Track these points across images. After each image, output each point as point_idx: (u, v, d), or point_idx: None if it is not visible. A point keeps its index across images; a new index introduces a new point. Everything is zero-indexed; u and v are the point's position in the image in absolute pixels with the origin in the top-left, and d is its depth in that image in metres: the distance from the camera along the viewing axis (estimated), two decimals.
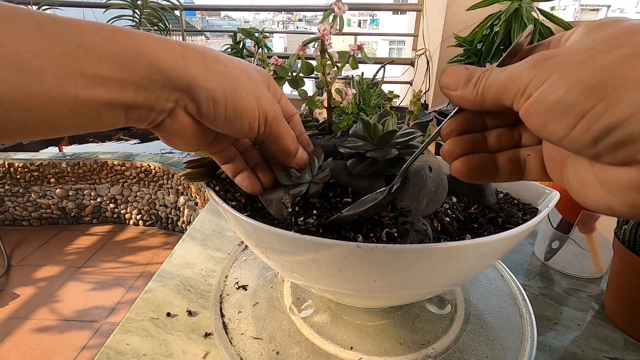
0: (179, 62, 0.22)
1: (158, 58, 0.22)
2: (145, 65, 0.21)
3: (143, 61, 0.21)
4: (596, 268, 0.52)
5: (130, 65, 0.21)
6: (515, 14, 1.34)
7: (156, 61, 0.21)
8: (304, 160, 0.30)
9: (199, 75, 0.23)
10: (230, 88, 0.24)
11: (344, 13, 0.34)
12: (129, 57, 0.21)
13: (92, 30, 0.20)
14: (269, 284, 0.45)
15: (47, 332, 1.45)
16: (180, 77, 0.22)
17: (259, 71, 0.28)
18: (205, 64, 0.24)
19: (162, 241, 2.09)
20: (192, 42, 0.25)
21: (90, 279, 1.76)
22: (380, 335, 0.38)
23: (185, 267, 0.51)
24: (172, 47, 0.22)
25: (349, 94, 0.40)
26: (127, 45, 0.21)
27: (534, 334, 0.38)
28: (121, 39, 0.21)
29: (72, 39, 0.19)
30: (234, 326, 0.39)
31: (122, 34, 0.21)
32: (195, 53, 0.23)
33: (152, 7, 2.27)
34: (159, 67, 0.22)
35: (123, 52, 0.20)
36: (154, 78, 0.22)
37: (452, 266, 0.28)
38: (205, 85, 0.23)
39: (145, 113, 0.23)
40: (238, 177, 0.31)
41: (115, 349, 0.38)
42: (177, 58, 0.22)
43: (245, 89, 0.25)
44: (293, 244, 0.26)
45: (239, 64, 0.26)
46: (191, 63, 0.23)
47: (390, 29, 16.05)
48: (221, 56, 0.25)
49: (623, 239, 0.42)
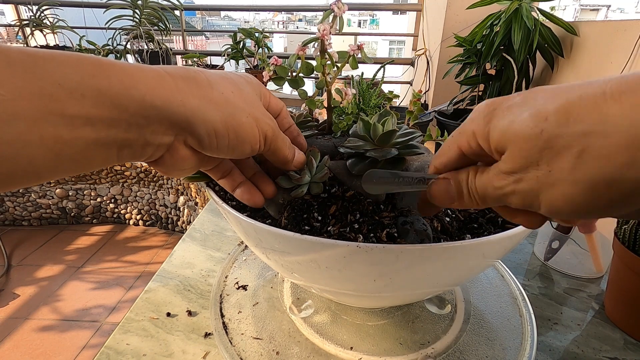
0: (175, 96, 0.21)
1: (151, 92, 0.20)
2: (137, 100, 0.19)
3: (134, 96, 0.19)
4: (596, 268, 0.52)
5: (119, 102, 0.19)
6: (515, 14, 1.34)
7: (149, 96, 0.19)
8: (301, 161, 0.30)
9: (198, 109, 0.21)
10: (230, 116, 0.23)
11: (344, 13, 0.34)
12: (116, 92, 0.18)
13: (74, 65, 0.18)
14: (269, 284, 0.45)
15: (47, 332, 1.45)
16: (178, 112, 0.21)
17: (250, 83, 0.26)
18: (201, 94, 0.22)
19: (162, 241, 2.09)
20: (179, 66, 0.22)
21: (90, 279, 1.76)
22: (380, 335, 0.38)
23: (185, 267, 0.51)
24: (164, 79, 0.21)
25: (349, 94, 0.40)
26: (114, 79, 0.19)
27: (534, 334, 0.38)
28: (107, 72, 0.18)
29: (51, 76, 0.17)
30: (234, 326, 0.39)
31: (108, 66, 0.19)
32: (189, 82, 0.22)
33: (152, 7, 2.27)
34: (152, 103, 0.20)
35: (109, 86, 0.18)
36: (147, 114, 0.20)
37: (452, 266, 0.28)
38: (206, 118, 0.22)
39: (140, 150, 0.21)
40: (237, 191, 0.30)
41: (115, 349, 0.38)
42: (172, 91, 0.21)
43: (244, 113, 0.24)
44: (293, 244, 0.26)
45: (232, 84, 0.24)
46: (187, 96, 0.21)
47: (390, 29, 16.04)
48: (214, 80, 0.23)
49: (623, 239, 0.42)
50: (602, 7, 22.53)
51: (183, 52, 2.53)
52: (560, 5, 16.39)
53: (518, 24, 1.34)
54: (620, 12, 26.72)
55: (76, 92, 0.17)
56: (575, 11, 20.54)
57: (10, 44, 1.17)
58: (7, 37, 3.09)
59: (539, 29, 1.34)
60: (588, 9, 22.53)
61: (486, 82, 1.57)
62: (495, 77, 1.54)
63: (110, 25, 2.36)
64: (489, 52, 1.43)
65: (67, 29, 2.40)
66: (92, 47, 2.39)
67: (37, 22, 2.31)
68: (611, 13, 23.41)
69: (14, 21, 2.44)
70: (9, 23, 2.65)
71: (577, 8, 21.30)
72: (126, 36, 2.35)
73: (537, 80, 1.61)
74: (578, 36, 1.34)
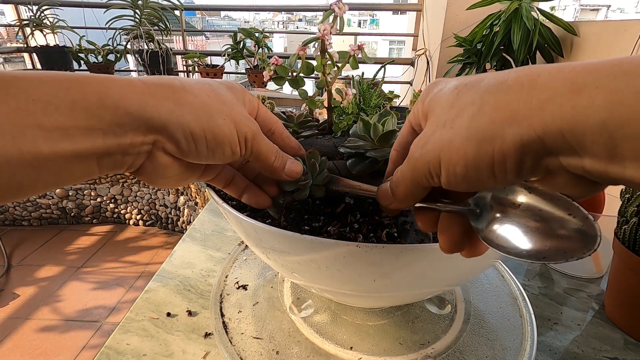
0: (149, 101, 0.21)
1: (124, 99, 0.20)
2: (111, 108, 0.19)
3: (107, 104, 0.19)
4: (596, 268, 0.52)
5: (93, 111, 0.19)
6: (515, 13, 1.34)
7: (122, 102, 0.20)
8: (296, 170, 0.28)
9: (172, 112, 0.21)
10: (207, 118, 0.23)
11: (344, 13, 0.34)
12: (90, 102, 0.19)
13: (48, 81, 0.18)
14: (269, 283, 0.45)
15: (47, 332, 1.45)
16: (152, 117, 0.21)
17: (231, 88, 0.26)
18: (176, 98, 0.22)
19: (162, 241, 2.09)
20: (155, 76, 0.22)
21: (90, 279, 1.76)
22: (380, 335, 0.38)
23: (185, 267, 0.51)
24: (136, 85, 0.21)
25: (349, 94, 0.40)
26: (87, 90, 0.19)
27: (534, 334, 0.38)
28: (80, 84, 0.19)
29: (26, 92, 0.17)
30: (234, 326, 0.39)
31: (82, 79, 0.19)
32: (162, 87, 0.22)
33: (152, 7, 2.27)
34: (126, 109, 0.20)
35: (82, 97, 0.19)
36: (122, 122, 0.20)
37: (452, 266, 0.28)
38: (181, 121, 0.22)
39: (121, 158, 0.21)
40: (244, 198, 0.30)
41: (115, 349, 0.38)
42: (145, 96, 0.21)
43: (221, 114, 0.23)
44: (293, 243, 0.26)
45: (209, 88, 0.24)
46: (161, 100, 0.21)
47: (390, 29, 16.05)
48: (189, 84, 0.23)
49: (623, 239, 0.42)
50: (602, 7, 22.52)
51: (183, 52, 2.53)
52: (560, 5, 16.38)
53: (518, 24, 1.34)
54: (620, 12, 26.72)
55: (51, 105, 0.18)
56: (575, 11, 20.54)
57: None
58: (7, 37, 3.09)
59: (539, 29, 1.34)
60: (588, 9, 22.53)
61: None
62: None
63: (111, 25, 2.36)
64: (489, 52, 1.43)
65: (67, 29, 2.40)
66: (92, 47, 2.39)
67: (37, 22, 2.31)
68: (611, 13, 23.41)
69: (14, 21, 2.44)
70: (9, 23, 2.65)
71: (577, 8, 21.30)
72: (126, 36, 2.35)
73: None
74: (578, 36, 1.34)
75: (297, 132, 0.37)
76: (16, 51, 2.90)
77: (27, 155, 0.17)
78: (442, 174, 0.18)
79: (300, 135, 0.37)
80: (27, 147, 0.17)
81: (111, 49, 2.39)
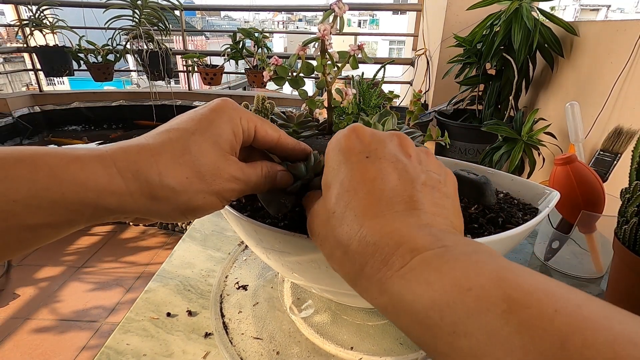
0: (127, 201, 0.21)
1: (102, 199, 0.20)
2: (91, 206, 0.20)
3: (87, 202, 0.20)
4: (596, 268, 0.52)
5: (75, 209, 0.19)
6: (515, 14, 1.34)
7: (101, 202, 0.20)
8: (286, 183, 0.28)
9: (150, 207, 0.22)
10: (185, 205, 0.22)
11: (344, 13, 0.34)
12: (70, 201, 0.19)
13: (27, 180, 0.18)
14: (269, 284, 0.45)
15: (47, 332, 1.45)
16: (132, 211, 0.21)
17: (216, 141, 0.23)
18: (153, 194, 0.21)
19: (162, 241, 2.09)
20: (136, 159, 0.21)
21: (90, 279, 1.76)
22: (380, 335, 0.38)
23: (185, 267, 0.51)
24: (115, 180, 0.20)
25: (349, 94, 0.40)
26: (65, 189, 0.19)
27: None
28: (59, 182, 0.19)
29: (5, 195, 0.18)
30: (234, 326, 0.39)
31: (62, 174, 0.19)
32: (139, 181, 0.21)
33: (152, 7, 2.27)
34: (106, 207, 0.20)
35: (62, 197, 0.19)
36: (101, 215, 0.21)
37: None
38: (160, 213, 0.22)
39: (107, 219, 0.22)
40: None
41: (115, 349, 0.38)
42: (123, 197, 0.21)
43: (200, 195, 0.23)
44: (293, 244, 0.26)
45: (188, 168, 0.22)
46: (140, 197, 0.21)
47: (390, 29, 16.05)
48: (167, 171, 0.21)
49: (623, 239, 0.42)
50: (602, 7, 22.52)
51: (183, 52, 2.53)
52: (560, 5, 16.37)
53: (518, 24, 1.34)
54: (620, 12, 26.71)
55: (31, 206, 0.18)
56: (575, 11, 20.54)
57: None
58: (7, 37, 3.08)
59: (539, 29, 1.34)
60: (588, 9, 22.52)
61: (486, 82, 1.57)
62: (495, 77, 1.54)
63: (110, 25, 2.36)
64: (489, 52, 1.43)
65: (66, 28, 2.40)
66: (91, 47, 2.39)
67: (36, 22, 2.31)
68: (611, 13, 23.40)
69: (14, 21, 2.43)
70: (8, 23, 2.64)
71: (577, 8, 21.29)
72: (126, 36, 2.35)
73: (537, 80, 1.61)
74: (578, 36, 1.34)
75: (297, 132, 0.37)
76: (16, 51, 2.90)
77: (13, 242, 0.19)
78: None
79: (300, 136, 0.37)
80: (12, 238, 0.19)
81: (111, 49, 2.39)
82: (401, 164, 0.21)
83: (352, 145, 0.22)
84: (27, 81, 8.99)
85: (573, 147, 0.68)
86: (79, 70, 2.55)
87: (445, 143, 0.41)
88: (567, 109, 0.68)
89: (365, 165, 0.21)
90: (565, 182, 0.49)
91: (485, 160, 1.38)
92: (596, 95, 1.20)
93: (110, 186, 0.20)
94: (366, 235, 0.19)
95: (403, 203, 0.19)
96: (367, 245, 0.18)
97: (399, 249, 0.17)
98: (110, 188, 0.20)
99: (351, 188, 0.20)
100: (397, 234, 0.18)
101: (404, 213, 0.19)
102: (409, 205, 0.19)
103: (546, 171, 1.40)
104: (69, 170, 0.19)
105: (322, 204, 0.22)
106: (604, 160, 0.58)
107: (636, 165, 0.42)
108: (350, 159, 0.22)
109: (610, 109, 1.13)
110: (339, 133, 0.23)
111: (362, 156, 0.21)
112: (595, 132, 1.18)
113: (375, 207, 0.19)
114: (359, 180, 0.21)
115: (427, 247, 0.17)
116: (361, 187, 0.20)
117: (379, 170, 0.21)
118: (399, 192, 0.20)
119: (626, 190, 0.42)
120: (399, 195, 0.20)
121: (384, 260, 0.18)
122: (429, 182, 0.21)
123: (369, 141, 0.22)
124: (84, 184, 0.19)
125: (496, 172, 0.41)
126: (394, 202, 0.19)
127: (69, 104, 2.77)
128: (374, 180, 0.20)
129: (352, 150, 0.22)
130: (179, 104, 2.76)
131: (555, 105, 1.49)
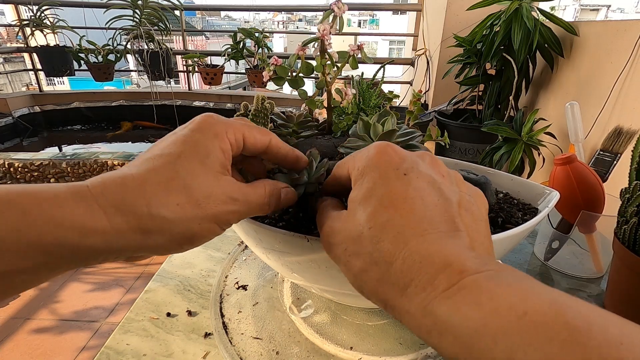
0: (112, 238, 0.19)
1: (85, 240, 0.19)
2: (70, 248, 0.18)
3: (67, 245, 0.18)
4: (596, 268, 0.52)
5: (51, 251, 0.18)
6: (515, 14, 1.34)
7: (84, 242, 0.19)
8: (291, 200, 0.27)
9: (141, 243, 0.20)
10: (180, 234, 0.21)
11: (344, 13, 0.34)
12: (45, 242, 0.18)
13: (13, 230, 0.17)
14: (269, 284, 0.45)
15: (47, 333, 1.45)
16: (122, 249, 0.20)
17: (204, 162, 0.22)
18: (142, 227, 0.20)
19: None
20: (122, 191, 0.20)
21: (90, 280, 1.76)
22: (380, 335, 0.38)
23: (185, 267, 0.51)
24: (97, 216, 0.19)
25: (349, 94, 0.40)
26: (41, 228, 0.18)
27: None
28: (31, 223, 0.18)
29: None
30: (234, 326, 0.39)
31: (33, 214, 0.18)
32: (125, 215, 0.20)
33: (152, 7, 2.27)
34: (89, 247, 0.19)
35: (37, 239, 0.18)
36: (88, 257, 0.19)
37: None
38: (152, 246, 0.21)
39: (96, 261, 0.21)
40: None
41: (115, 349, 0.38)
42: (108, 235, 0.19)
43: (195, 221, 0.21)
44: (293, 244, 0.26)
45: (179, 193, 0.21)
46: (128, 233, 0.20)
47: (390, 29, 16.06)
48: (156, 199, 0.20)
49: (623, 239, 0.42)
50: (602, 7, 22.52)
51: (183, 52, 2.54)
52: (560, 5, 16.36)
53: (518, 24, 1.34)
54: (620, 12, 26.70)
55: (21, 251, 0.17)
56: (575, 11, 20.55)
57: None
58: (7, 37, 3.09)
59: (539, 29, 1.35)
60: (588, 9, 22.53)
61: (486, 82, 1.57)
62: (495, 77, 1.54)
63: (111, 25, 2.36)
64: (489, 52, 1.43)
65: (67, 28, 2.40)
66: (92, 47, 2.39)
67: (37, 22, 2.32)
68: (611, 13, 23.39)
69: (14, 21, 2.44)
70: (9, 23, 2.65)
71: (577, 8, 21.30)
72: (126, 36, 2.35)
73: (537, 80, 1.61)
74: (578, 36, 1.34)
75: (297, 132, 0.37)
76: (16, 51, 2.90)
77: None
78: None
79: (300, 135, 0.37)
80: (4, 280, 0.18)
81: (111, 48, 2.39)
82: (437, 183, 0.21)
83: (388, 162, 0.21)
84: (27, 81, 9.00)
85: (573, 147, 0.68)
86: (79, 70, 2.55)
87: (445, 143, 0.41)
88: (567, 109, 0.68)
89: (404, 183, 0.20)
90: (565, 182, 0.49)
91: (485, 160, 1.38)
92: (596, 95, 1.20)
93: (92, 223, 0.19)
94: (412, 253, 0.18)
95: (445, 223, 0.19)
96: (412, 264, 0.18)
97: (446, 269, 0.17)
98: (93, 226, 0.19)
99: (391, 205, 0.20)
100: (443, 254, 0.17)
101: (448, 234, 0.19)
102: (451, 226, 0.19)
103: (546, 171, 1.40)
104: (41, 208, 0.18)
105: (350, 218, 0.21)
106: (603, 160, 0.58)
107: (636, 165, 0.42)
108: (387, 175, 0.21)
109: (610, 109, 1.13)
110: (369, 149, 0.23)
111: (399, 173, 0.21)
112: (595, 132, 1.18)
113: (419, 226, 0.19)
114: (400, 198, 0.20)
115: (476, 270, 0.16)
116: (402, 204, 0.20)
117: (418, 188, 0.20)
118: (440, 212, 0.19)
119: (626, 190, 0.42)
120: (441, 215, 0.19)
121: (429, 280, 0.17)
122: (463, 204, 0.21)
123: (403, 159, 0.21)
124: (60, 223, 0.18)
125: (496, 172, 0.41)
126: (436, 221, 0.19)
127: (69, 104, 2.78)
128: (414, 198, 0.20)
129: (389, 166, 0.21)
130: (179, 103, 2.76)
131: (555, 105, 1.49)
